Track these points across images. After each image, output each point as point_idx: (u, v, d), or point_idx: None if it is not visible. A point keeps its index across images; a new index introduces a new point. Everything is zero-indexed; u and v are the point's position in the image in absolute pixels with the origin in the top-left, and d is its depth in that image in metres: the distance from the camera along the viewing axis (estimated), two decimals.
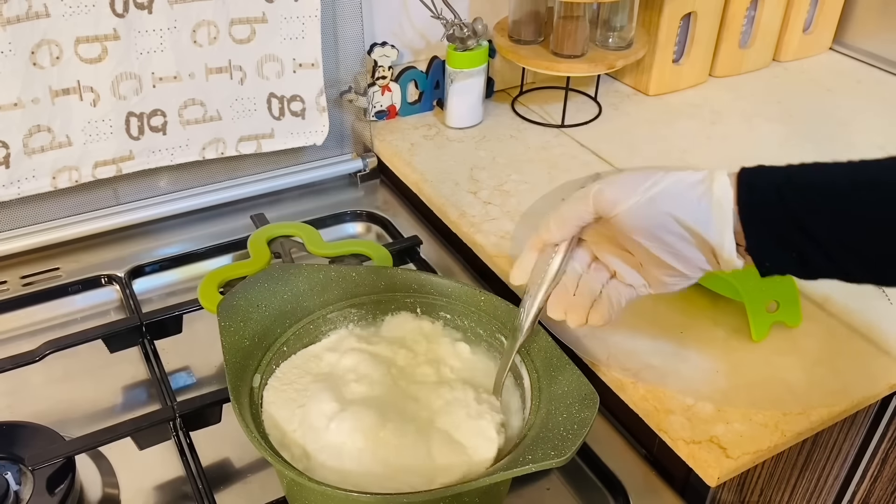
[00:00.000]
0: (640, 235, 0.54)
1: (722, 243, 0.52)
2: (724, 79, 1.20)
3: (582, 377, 0.59)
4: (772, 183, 0.52)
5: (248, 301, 0.65)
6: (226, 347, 0.61)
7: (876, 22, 1.24)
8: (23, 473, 0.64)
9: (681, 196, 0.52)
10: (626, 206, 0.53)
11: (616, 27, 1.05)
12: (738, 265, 0.53)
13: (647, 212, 0.53)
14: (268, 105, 0.94)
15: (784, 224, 0.51)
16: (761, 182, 0.52)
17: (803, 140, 1.04)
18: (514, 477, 0.54)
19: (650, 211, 0.53)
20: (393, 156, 1.01)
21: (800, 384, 0.67)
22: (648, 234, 0.53)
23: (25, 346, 0.75)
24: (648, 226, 0.53)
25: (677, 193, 0.53)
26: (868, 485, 0.88)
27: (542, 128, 1.07)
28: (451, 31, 0.99)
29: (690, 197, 0.52)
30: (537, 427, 0.56)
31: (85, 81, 0.83)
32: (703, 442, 0.62)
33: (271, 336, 0.65)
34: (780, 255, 0.52)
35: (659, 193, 0.53)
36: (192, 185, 0.98)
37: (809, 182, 0.51)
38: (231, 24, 0.87)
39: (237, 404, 0.57)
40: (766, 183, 0.52)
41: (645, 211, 0.53)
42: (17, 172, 0.84)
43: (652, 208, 0.53)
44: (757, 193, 0.52)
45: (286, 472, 0.53)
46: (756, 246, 0.52)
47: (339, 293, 0.69)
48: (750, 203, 0.52)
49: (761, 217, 0.52)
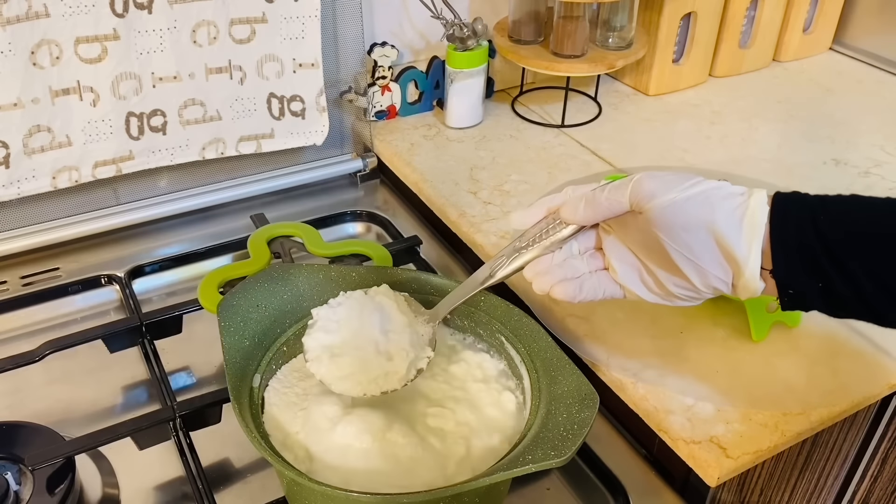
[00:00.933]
0: (666, 233, 0.52)
1: (747, 259, 0.51)
2: (724, 79, 1.20)
3: (582, 377, 0.59)
4: (807, 207, 0.51)
5: (248, 301, 0.65)
6: (226, 348, 0.61)
7: (876, 22, 1.24)
8: (23, 473, 0.64)
9: (718, 203, 0.51)
10: (661, 200, 0.52)
11: (616, 27, 1.05)
12: (758, 287, 0.52)
13: (681, 209, 0.52)
14: (268, 105, 0.94)
15: (815, 251, 0.49)
16: (796, 205, 0.51)
17: (803, 140, 1.04)
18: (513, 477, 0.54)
19: (684, 209, 0.52)
20: (393, 156, 1.01)
21: (800, 384, 0.67)
22: (675, 233, 0.52)
23: (25, 346, 0.75)
24: (678, 224, 0.52)
25: (715, 199, 0.51)
26: (868, 485, 0.88)
27: (542, 128, 1.07)
28: (451, 31, 0.99)
29: (727, 206, 0.51)
30: (537, 427, 0.56)
31: (85, 81, 0.83)
32: (703, 442, 0.62)
33: (271, 336, 0.65)
34: (806, 283, 0.51)
35: (697, 194, 0.52)
36: (192, 185, 0.98)
37: (847, 212, 0.50)
38: (231, 24, 0.87)
39: (237, 404, 0.57)
40: (802, 207, 0.51)
41: (679, 208, 0.52)
42: (17, 172, 0.84)
43: (687, 207, 0.52)
44: (791, 215, 0.50)
45: (286, 472, 0.53)
46: (783, 269, 0.51)
47: (339, 293, 0.69)
48: (783, 224, 0.50)
49: (792, 240, 0.50)
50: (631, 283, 0.57)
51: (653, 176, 0.53)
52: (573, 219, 0.56)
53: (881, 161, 0.99)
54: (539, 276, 0.58)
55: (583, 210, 0.55)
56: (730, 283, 0.53)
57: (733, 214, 0.51)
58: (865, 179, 0.95)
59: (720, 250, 0.51)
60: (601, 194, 0.55)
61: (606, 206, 0.55)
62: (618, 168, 0.97)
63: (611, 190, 0.54)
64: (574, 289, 0.57)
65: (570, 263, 0.58)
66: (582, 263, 0.58)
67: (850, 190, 0.92)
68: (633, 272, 0.57)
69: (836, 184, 0.94)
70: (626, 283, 0.57)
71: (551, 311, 0.75)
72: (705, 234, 0.51)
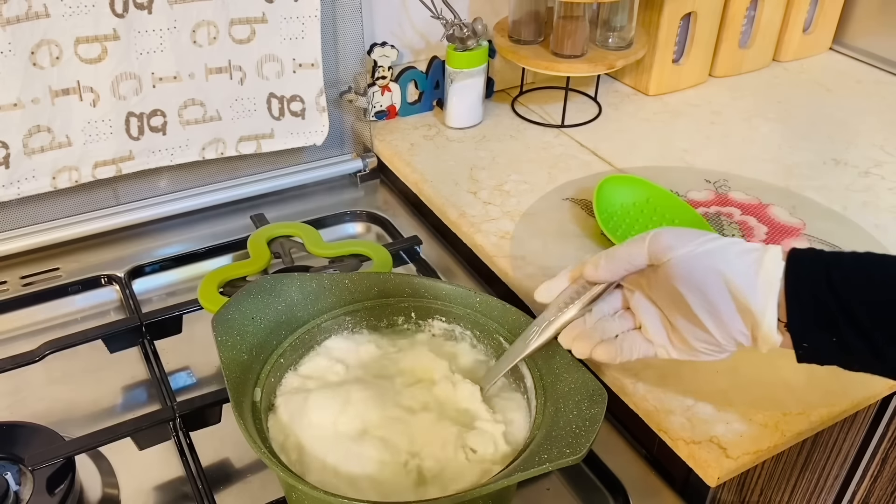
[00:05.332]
0: (684, 285, 0.53)
1: (764, 313, 0.52)
2: (724, 79, 1.20)
3: (588, 374, 0.59)
4: (821, 263, 0.51)
5: (243, 314, 0.64)
6: (225, 363, 0.60)
7: (876, 22, 1.24)
8: (23, 473, 0.64)
9: (734, 257, 0.53)
10: (679, 253, 0.54)
11: (616, 27, 1.05)
12: (777, 340, 0.53)
13: (699, 263, 0.53)
14: (268, 105, 0.94)
15: (829, 306, 0.50)
16: (811, 261, 0.52)
17: (803, 140, 1.04)
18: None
19: (701, 262, 0.53)
20: (393, 156, 1.01)
21: (800, 384, 0.67)
22: (694, 285, 0.53)
23: (25, 346, 0.75)
24: (696, 277, 0.53)
25: (731, 254, 0.53)
26: (868, 485, 0.88)
27: (542, 128, 1.07)
28: (451, 31, 0.99)
29: (743, 261, 0.52)
30: (546, 426, 0.56)
31: (85, 81, 0.83)
32: (703, 442, 0.62)
33: (268, 348, 0.64)
34: (821, 338, 0.51)
35: (714, 249, 0.53)
36: (192, 185, 0.98)
37: (861, 269, 0.51)
38: (231, 25, 0.87)
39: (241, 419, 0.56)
40: (816, 262, 0.51)
41: (696, 262, 0.53)
42: (17, 173, 0.84)
43: (704, 260, 0.53)
44: (806, 270, 0.51)
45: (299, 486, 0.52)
46: (798, 323, 0.52)
47: (333, 301, 0.69)
48: (797, 278, 0.51)
49: (807, 295, 0.51)
50: (660, 340, 0.58)
51: (669, 231, 0.55)
52: (595, 276, 0.58)
53: (881, 161, 0.99)
54: (577, 340, 0.59)
55: (604, 265, 0.57)
56: (749, 336, 0.54)
57: (749, 269, 0.52)
58: (865, 179, 0.95)
59: (737, 305, 0.52)
60: (620, 249, 0.57)
61: (627, 260, 0.56)
62: (618, 168, 0.97)
63: (628, 244, 0.56)
64: (614, 349, 0.59)
65: (603, 325, 0.60)
66: (614, 324, 0.60)
67: (849, 189, 0.93)
68: (661, 329, 0.58)
69: (836, 183, 0.94)
70: (655, 338, 0.58)
71: None
72: (722, 286, 0.52)
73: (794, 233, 0.84)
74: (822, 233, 0.84)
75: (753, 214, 0.87)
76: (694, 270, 0.53)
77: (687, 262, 0.53)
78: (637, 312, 0.59)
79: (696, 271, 0.53)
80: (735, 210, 0.88)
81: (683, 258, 0.53)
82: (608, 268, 0.57)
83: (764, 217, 0.87)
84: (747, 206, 0.89)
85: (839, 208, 0.89)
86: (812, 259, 0.52)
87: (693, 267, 0.53)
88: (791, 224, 0.86)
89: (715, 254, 0.53)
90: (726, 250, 0.53)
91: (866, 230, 0.85)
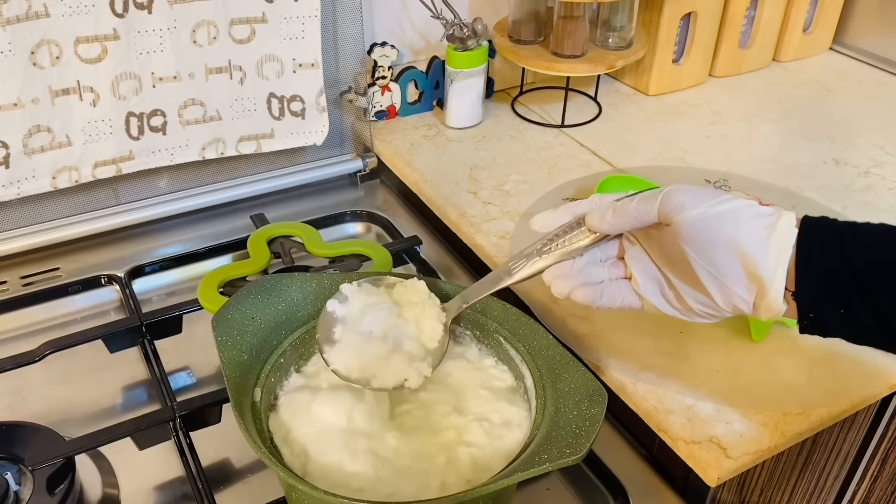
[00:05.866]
0: (692, 247, 0.52)
1: (773, 279, 0.50)
2: (724, 79, 1.20)
3: (587, 373, 0.59)
4: (835, 231, 0.50)
5: (243, 314, 0.64)
6: (225, 363, 0.60)
7: (876, 22, 1.24)
8: (23, 473, 0.64)
9: (746, 221, 0.51)
10: (690, 213, 0.52)
11: (616, 27, 1.05)
12: (781, 309, 0.51)
13: (709, 224, 0.51)
14: (268, 105, 0.94)
15: (840, 276, 0.49)
16: (825, 230, 0.51)
17: (803, 140, 1.04)
18: None
19: (712, 224, 0.51)
20: (393, 156, 1.01)
21: (800, 384, 0.67)
22: (701, 247, 0.52)
23: (25, 346, 0.75)
24: (705, 239, 0.51)
25: (743, 217, 0.51)
26: (868, 485, 0.88)
27: (542, 128, 1.07)
28: (451, 31, 0.99)
29: (754, 225, 0.51)
30: (546, 426, 0.56)
31: (85, 81, 0.83)
32: (703, 442, 0.62)
33: (268, 348, 0.64)
34: (829, 309, 0.50)
35: (726, 211, 0.51)
36: (192, 185, 0.98)
37: (875, 239, 0.50)
38: (231, 24, 0.87)
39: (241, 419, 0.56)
40: (830, 231, 0.50)
41: (707, 223, 0.51)
42: (17, 172, 0.84)
43: (715, 222, 0.51)
44: (819, 239, 0.50)
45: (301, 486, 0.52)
46: (806, 292, 0.50)
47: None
48: (810, 247, 0.50)
49: (818, 264, 0.50)
50: (651, 296, 0.57)
51: (683, 189, 0.53)
52: (599, 227, 0.56)
53: (881, 161, 0.99)
54: (559, 279, 0.58)
55: (610, 218, 0.55)
56: (751, 303, 0.52)
57: (760, 234, 0.51)
58: (865, 179, 0.95)
59: (745, 269, 0.51)
60: (630, 204, 0.54)
61: (634, 216, 0.54)
62: (618, 168, 0.97)
63: (640, 200, 0.54)
64: (595, 293, 0.57)
65: (591, 269, 0.58)
66: (602, 270, 0.58)
67: (849, 189, 0.93)
68: (654, 284, 0.57)
69: (836, 183, 0.94)
70: (647, 295, 0.57)
71: (551, 311, 0.75)
72: (731, 251, 0.51)
73: None
74: None
75: None
76: (704, 233, 0.51)
77: (697, 224, 0.51)
78: (631, 264, 0.58)
79: (707, 234, 0.51)
80: None
81: (694, 219, 0.51)
82: (613, 222, 0.55)
83: None
84: None
85: (839, 208, 0.89)
86: (826, 227, 0.51)
87: (703, 229, 0.51)
88: None
89: (727, 216, 0.51)
90: (739, 213, 0.51)
91: None
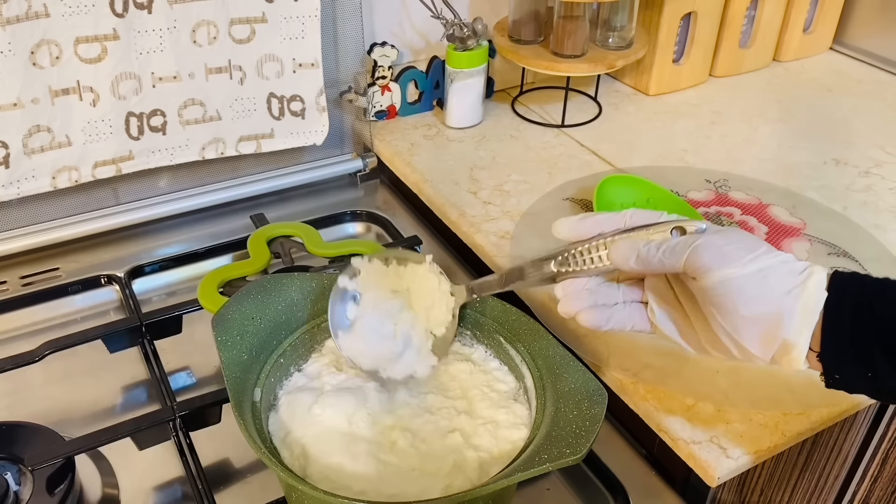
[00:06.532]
0: (716, 308, 0.51)
1: (797, 341, 0.49)
2: (724, 79, 1.20)
3: (588, 373, 0.59)
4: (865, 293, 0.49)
5: (243, 314, 0.64)
6: (225, 363, 0.60)
7: (876, 22, 1.24)
8: (23, 473, 0.64)
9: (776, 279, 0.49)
10: (717, 275, 0.50)
11: (616, 27, 1.05)
12: (802, 368, 0.50)
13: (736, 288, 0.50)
14: (268, 105, 0.93)
15: (869, 342, 0.48)
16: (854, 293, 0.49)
17: (803, 140, 1.04)
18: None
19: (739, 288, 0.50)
20: (393, 156, 1.01)
21: (800, 384, 0.67)
22: (725, 312, 0.50)
23: (25, 346, 0.75)
24: (729, 304, 0.50)
25: (773, 278, 0.50)
26: (868, 485, 0.88)
27: (542, 128, 1.07)
28: (451, 30, 0.99)
29: (784, 284, 0.49)
30: (546, 426, 0.56)
31: (85, 81, 0.83)
32: (703, 442, 0.62)
33: (268, 348, 0.64)
34: (856, 370, 0.49)
35: (755, 272, 0.50)
36: (192, 185, 0.98)
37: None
38: (231, 24, 0.87)
39: (241, 419, 0.56)
40: (860, 294, 0.49)
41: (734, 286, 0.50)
42: (16, 172, 0.84)
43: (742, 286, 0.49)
44: (848, 302, 0.49)
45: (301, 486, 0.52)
46: (832, 357, 0.50)
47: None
48: (838, 312, 0.49)
49: (846, 329, 0.49)
50: (666, 328, 0.56)
51: (712, 246, 0.51)
52: (622, 266, 0.54)
53: (881, 161, 0.99)
54: (568, 297, 0.56)
55: (633, 263, 0.53)
56: (770, 360, 0.51)
57: (788, 296, 0.49)
58: (865, 179, 0.95)
59: (768, 333, 0.50)
60: (655, 253, 0.52)
61: (658, 267, 0.53)
62: (618, 168, 0.97)
63: (665, 252, 0.52)
64: (602, 318, 0.55)
65: (605, 290, 0.56)
66: (618, 292, 0.57)
67: (849, 189, 0.93)
68: (670, 317, 0.55)
69: (836, 183, 0.94)
70: (662, 327, 0.56)
71: (551, 311, 0.75)
72: (755, 319, 0.50)
73: (795, 233, 0.84)
74: (822, 233, 0.84)
75: (754, 214, 0.87)
76: (729, 298, 0.50)
77: (724, 287, 0.50)
78: (650, 292, 0.56)
79: (732, 299, 0.50)
80: (735, 210, 0.88)
81: (722, 280, 0.50)
82: (636, 267, 0.53)
83: (764, 217, 0.87)
84: (747, 206, 0.89)
85: (839, 208, 0.89)
86: (856, 290, 0.49)
87: (729, 293, 0.50)
88: (791, 224, 0.86)
89: (756, 279, 0.49)
90: (768, 274, 0.50)
91: (866, 230, 0.85)
